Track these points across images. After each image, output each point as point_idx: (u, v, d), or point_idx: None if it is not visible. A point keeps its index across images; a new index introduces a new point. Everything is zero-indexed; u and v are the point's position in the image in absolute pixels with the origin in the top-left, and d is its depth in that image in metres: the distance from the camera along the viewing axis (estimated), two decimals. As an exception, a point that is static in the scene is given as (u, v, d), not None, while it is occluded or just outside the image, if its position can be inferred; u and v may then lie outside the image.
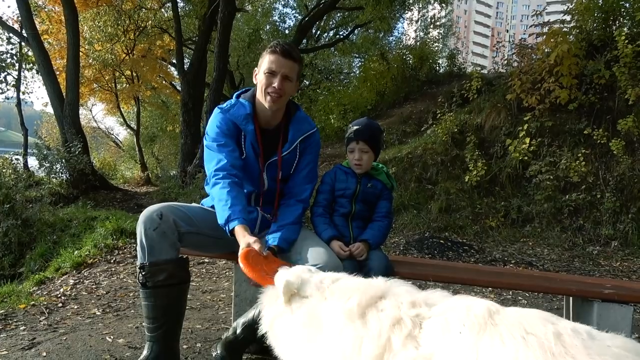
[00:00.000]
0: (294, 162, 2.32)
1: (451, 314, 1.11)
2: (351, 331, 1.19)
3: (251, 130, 2.23)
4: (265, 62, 2.18)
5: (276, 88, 2.14)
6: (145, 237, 2.00)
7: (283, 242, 2.10)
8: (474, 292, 4.20)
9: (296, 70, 2.22)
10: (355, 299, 1.28)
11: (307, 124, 2.35)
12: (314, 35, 20.58)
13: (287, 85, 2.18)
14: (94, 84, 19.49)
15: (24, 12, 12.28)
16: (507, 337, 0.94)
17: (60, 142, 12.34)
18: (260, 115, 2.28)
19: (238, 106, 2.26)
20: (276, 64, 2.15)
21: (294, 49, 2.22)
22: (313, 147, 2.36)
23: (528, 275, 2.76)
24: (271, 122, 2.30)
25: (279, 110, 2.27)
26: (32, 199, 9.11)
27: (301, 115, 2.36)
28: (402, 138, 10.24)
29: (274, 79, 2.15)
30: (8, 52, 17.04)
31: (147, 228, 2.00)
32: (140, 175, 17.98)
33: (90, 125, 27.35)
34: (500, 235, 6.62)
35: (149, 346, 2.06)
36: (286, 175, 2.34)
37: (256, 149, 2.26)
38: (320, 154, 11.29)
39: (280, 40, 2.24)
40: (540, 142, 7.33)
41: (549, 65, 7.44)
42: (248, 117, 2.23)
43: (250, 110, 2.24)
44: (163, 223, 2.01)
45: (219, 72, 10.72)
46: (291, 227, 2.19)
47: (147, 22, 16.86)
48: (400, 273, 2.37)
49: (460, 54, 16.43)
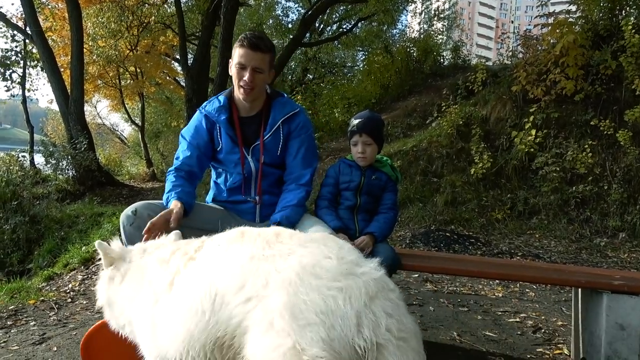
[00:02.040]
0: (279, 145, 2.34)
1: (220, 237, 1.48)
2: (160, 272, 1.47)
3: (223, 120, 2.31)
4: (236, 55, 2.24)
5: (247, 81, 2.21)
6: (123, 231, 2.13)
7: (285, 219, 2.15)
8: (481, 285, 4.19)
9: (267, 61, 2.25)
10: (167, 249, 1.57)
11: (289, 106, 2.38)
12: (317, 29, 20.48)
13: (258, 77, 2.23)
14: (98, 81, 19.50)
15: (27, 9, 12.30)
16: (247, 242, 1.34)
17: (66, 138, 12.38)
18: (239, 105, 2.36)
19: (213, 102, 2.39)
20: (245, 57, 2.20)
21: (263, 40, 2.23)
22: (301, 130, 2.37)
23: (536, 267, 2.75)
24: (250, 110, 2.36)
25: (257, 100, 2.35)
26: (39, 195, 9.17)
27: (283, 100, 2.40)
28: (407, 131, 10.21)
29: (245, 72, 2.21)
30: (13, 50, 17.09)
31: (125, 224, 2.13)
32: (146, 171, 18.03)
33: (95, 121, 27.43)
34: (506, 227, 6.59)
35: None
36: (275, 160, 2.37)
37: (233, 137, 2.33)
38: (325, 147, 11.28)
39: (249, 33, 2.25)
40: (546, 133, 7.28)
41: (554, 56, 7.37)
42: (221, 108, 2.33)
43: (224, 102, 2.34)
44: (137, 218, 2.13)
45: (222, 67, 10.69)
46: (294, 209, 2.24)
47: (151, 18, 16.84)
48: (407, 266, 2.37)
49: (465, 46, 16.31)
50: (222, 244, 1.41)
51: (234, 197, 2.40)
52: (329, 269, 1.11)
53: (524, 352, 2.63)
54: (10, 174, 8.18)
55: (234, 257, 1.29)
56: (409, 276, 4.37)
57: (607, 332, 2.12)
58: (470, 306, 3.49)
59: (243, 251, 1.29)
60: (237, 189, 2.39)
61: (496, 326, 3.05)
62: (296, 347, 1.01)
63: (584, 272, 2.41)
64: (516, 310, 3.44)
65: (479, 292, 3.99)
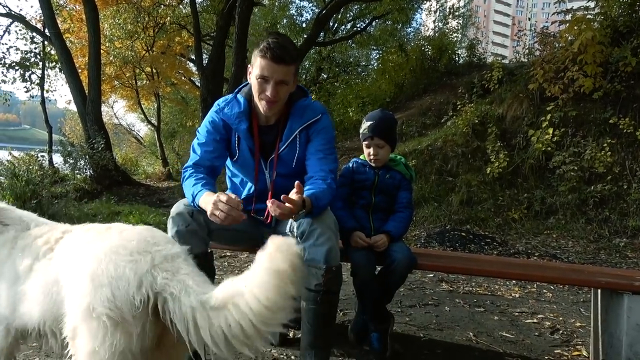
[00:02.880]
0: (294, 156, 2.18)
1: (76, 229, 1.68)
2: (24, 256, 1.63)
3: (244, 129, 2.14)
4: (257, 66, 2.03)
5: (269, 97, 2.02)
6: (176, 233, 2.00)
7: (313, 197, 1.97)
8: (497, 285, 4.15)
9: (292, 72, 2.06)
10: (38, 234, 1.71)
11: (310, 112, 2.18)
12: (331, 28, 20.47)
13: (281, 89, 2.04)
14: (115, 81, 19.79)
15: (46, 11, 12.51)
16: (91, 232, 1.57)
17: (84, 138, 12.58)
18: (258, 113, 2.17)
19: (233, 104, 2.18)
20: (268, 70, 1.99)
21: (287, 51, 2.01)
22: (322, 132, 2.18)
23: (555, 267, 2.71)
24: (269, 119, 2.19)
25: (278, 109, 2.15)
26: (58, 194, 9.31)
27: (303, 104, 2.19)
28: (422, 130, 10.14)
29: (267, 85, 2.02)
30: (32, 52, 17.43)
31: (179, 225, 2.01)
32: (162, 170, 18.23)
33: (112, 121, 27.84)
34: (523, 227, 6.52)
35: None
36: (289, 171, 2.20)
37: (252, 149, 2.18)
38: (339, 147, 11.28)
39: (272, 41, 1.99)
40: (564, 132, 7.18)
41: (572, 54, 7.26)
42: (241, 115, 2.14)
43: (245, 107, 2.15)
44: (194, 221, 2.01)
45: (237, 67, 10.75)
46: (325, 190, 2.05)
47: (166, 19, 17.02)
48: (423, 265, 2.36)
49: (480, 44, 16.14)
50: (74, 236, 1.64)
51: (247, 207, 2.24)
52: (127, 248, 1.38)
53: (542, 353, 2.60)
54: (29, 173, 8.30)
55: (74, 246, 1.55)
56: (424, 276, 4.34)
57: (627, 334, 2.09)
58: (486, 306, 3.46)
59: (81, 241, 1.55)
60: (250, 200, 2.28)
61: (513, 327, 3.02)
62: (89, 307, 1.29)
63: (603, 273, 2.37)
64: (533, 311, 3.39)
65: (496, 292, 3.95)
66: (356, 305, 2.61)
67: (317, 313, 2.01)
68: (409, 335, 2.78)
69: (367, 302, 2.35)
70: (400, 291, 3.67)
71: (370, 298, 2.32)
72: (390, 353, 2.38)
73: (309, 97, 2.26)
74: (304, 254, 2.01)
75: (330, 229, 2.00)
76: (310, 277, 1.98)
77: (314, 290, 1.98)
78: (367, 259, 2.26)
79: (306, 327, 2.05)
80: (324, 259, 1.96)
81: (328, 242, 1.97)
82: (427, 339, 2.72)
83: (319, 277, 1.96)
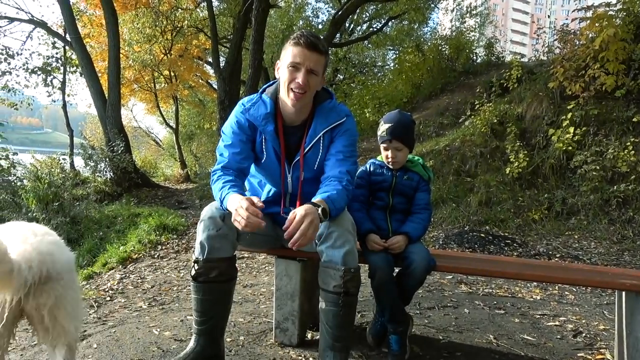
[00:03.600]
0: (317, 159, 2.16)
1: None
2: None
3: (270, 131, 2.12)
4: (289, 54, 2.02)
5: (300, 83, 2.00)
6: (207, 237, 2.01)
7: (329, 200, 1.95)
8: (518, 287, 4.09)
9: (322, 64, 2.06)
10: None
11: (335, 114, 2.16)
12: (347, 29, 20.48)
13: (312, 79, 2.03)
14: (134, 85, 20.07)
15: (67, 17, 12.76)
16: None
17: (104, 141, 12.78)
18: (284, 113, 2.15)
19: (259, 104, 2.16)
20: (300, 56, 1.99)
21: (320, 41, 2.04)
22: (345, 135, 2.16)
23: (577, 269, 2.65)
24: (295, 119, 2.16)
25: (305, 107, 2.13)
26: (79, 197, 9.49)
27: (328, 106, 2.17)
28: (440, 130, 10.07)
29: (298, 74, 2.00)
30: (53, 57, 17.80)
31: (210, 229, 2.02)
32: (180, 172, 18.39)
33: (132, 124, 28.21)
34: (543, 228, 6.41)
35: (196, 339, 2.09)
36: (314, 174, 2.19)
37: (277, 151, 2.16)
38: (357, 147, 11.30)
39: (305, 31, 2.04)
40: (585, 131, 7.05)
41: (593, 51, 7.13)
42: (268, 116, 2.12)
43: (271, 108, 2.13)
44: (225, 225, 2.01)
45: (254, 69, 10.82)
46: (341, 191, 2.02)
47: (184, 22, 17.22)
48: (442, 267, 2.33)
49: (498, 42, 15.97)
50: None
51: (270, 209, 2.26)
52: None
53: (564, 356, 2.55)
54: (52, 176, 8.48)
55: None
56: (442, 277, 4.30)
57: (654, 338, 2.03)
58: (507, 309, 3.41)
59: None
60: (275, 202, 2.28)
61: (534, 330, 2.97)
62: None
63: (628, 275, 2.31)
64: (555, 314, 3.33)
65: (516, 294, 3.89)
66: (374, 307, 2.59)
67: (335, 314, 2.00)
68: (427, 338, 2.75)
69: (385, 304, 2.33)
70: (419, 293, 3.64)
71: (389, 300, 2.30)
72: (409, 355, 2.36)
73: (334, 99, 2.24)
74: (321, 256, 2.03)
75: (347, 231, 1.99)
76: (328, 279, 1.98)
77: (332, 292, 1.97)
78: (384, 261, 2.24)
79: (325, 328, 2.04)
80: (342, 261, 1.95)
81: (346, 244, 1.96)
82: (447, 342, 2.69)
83: (338, 278, 1.95)
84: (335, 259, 1.96)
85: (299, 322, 2.44)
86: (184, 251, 5.87)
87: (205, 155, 25.71)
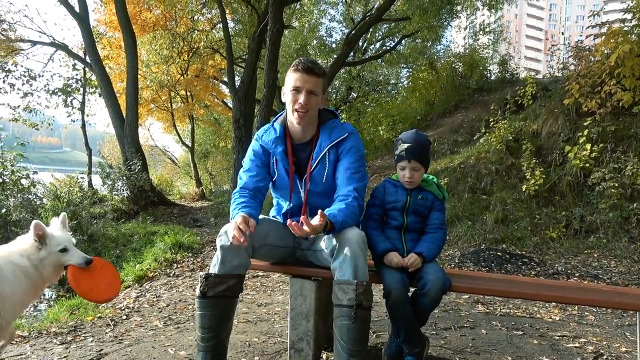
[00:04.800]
0: (324, 174, 2.36)
1: None
2: None
3: (280, 152, 2.37)
4: (290, 80, 2.29)
5: (302, 104, 2.25)
6: (220, 248, 2.16)
7: (332, 217, 2.11)
8: (536, 307, 4.02)
9: (321, 85, 2.31)
10: None
11: (338, 131, 2.37)
12: (360, 48, 20.63)
13: (312, 99, 2.27)
14: (151, 104, 20.46)
15: (87, 39, 13.12)
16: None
17: (122, 160, 12.98)
18: (292, 132, 2.41)
19: (270, 131, 2.43)
20: (300, 81, 2.26)
21: (317, 65, 2.30)
22: (349, 151, 2.35)
23: (596, 289, 2.60)
24: (303, 137, 2.41)
25: (310, 125, 2.38)
26: (97, 215, 9.61)
27: (332, 124, 2.41)
28: (454, 148, 10.04)
29: (299, 95, 2.26)
30: (73, 78, 18.26)
31: (224, 241, 2.15)
32: (195, 190, 18.57)
33: (148, 143, 28.63)
34: (562, 246, 6.31)
35: (203, 356, 2.14)
36: (321, 188, 2.38)
37: (287, 169, 2.39)
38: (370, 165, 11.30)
39: (303, 58, 2.33)
40: (603, 147, 6.96)
41: (609, 67, 7.07)
42: (277, 140, 2.38)
43: (280, 132, 2.39)
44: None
45: (268, 88, 10.95)
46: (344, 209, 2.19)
47: (200, 43, 17.57)
48: (458, 287, 2.31)
49: (512, 59, 15.96)
50: None
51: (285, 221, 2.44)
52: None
53: (585, 380, 2.49)
54: (70, 195, 8.63)
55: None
56: (458, 297, 4.25)
57: (678, 361, 1.98)
58: (525, 330, 3.35)
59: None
60: (284, 215, 2.50)
61: (554, 351, 2.91)
62: None
63: (649, 296, 2.26)
64: (575, 335, 3.27)
65: (534, 314, 3.82)
66: (389, 328, 2.57)
67: (350, 328, 2.04)
68: (444, 359, 2.71)
69: (401, 325, 2.31)
70: (435, 313, 3.59)
71: (404, 321, 2.28)
72: (425, 377, 2.33)
73: (338, 118, 2.48)
74: (334, 274, 2.13)
75: (357, 246, 2.10)
76: (342, 294, 2.06)
77: (346, 306, 2.05)
78: (399, 281, 2.23)
79: (339, 344, 2.07)
80: (353, 275, 2.06)
81: (355, 259, 2.08)
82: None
83: (350, 292, 2.04)
84: (346, 274, 2.06)
85: (314, 343, 2.43)
86: (199, 269, 5.89)
87: (220, 173, 25.95)
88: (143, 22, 16.56)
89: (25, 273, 2.20)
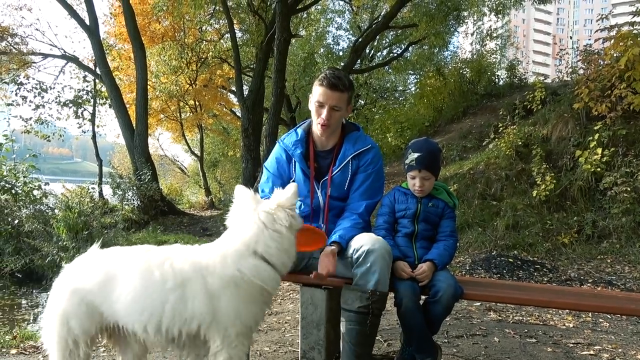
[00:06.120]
0: (346, 180, 2.42)
1: None
2: None
3: (298, 154, 2.44)
4: (315, 93, 2.36)
5: (324, 119, 2.33)
6: None
7: (339, 238, 2.23)
8: (549, 314, 3.97)
9: (345, 99, 2.36)
10: None
11: (362, 142, 2.45)
12: (367, 55, 20.68)
13: (334, 114, 2.34)
14: (160, 115, 20.63)
15: (97, 51, 13.29)
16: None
17: (132, 170, 13.08)
18: (316, 139, 2.49)
19: (291, 134, 2.53)
20: (323, 96, 2.32)
21: (341, 80, 2.33)
22: (369, 165, 2.42)
23: (610, 296, 2.57)
24: (326, 144, 2.49)
25: (333, 134, 2.46)
26: (107, 225, 9.65)
27: (357, 135, 2.48)
28: (463, 154, 10.00)
29: (322, 110, 2.33)
30: (84, 90, 18.49)
31: None
32: (205, 199, 18.64)
33: (158, 153, 28.79)
34: (574, 252, 6.23)
35: None
36: (342, 194, 2.45)
37: (305, 171, 2.44)
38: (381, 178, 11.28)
39: (328, 72, 2.36)
40: (614, 152, 6.89)
41: (619, 71, 7.02)
42: (297, 142, 2.46)
43: (301, 136, 2.48)
44: None
45: (276, 97, 11.01)
46: (348, 229, 2.29)
47: (208, 54, 17.73)
48: (470, 295, 2.29)
49: (521, 64, 15.91)
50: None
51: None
52: None
53: (601, 388, 2.45)
54: (81, 205, 8.68)
55: None
56: (470, 304, 4.21)
57: (696, 369, 1.94)
58: (538, 337, 3.31)
59: None
60: (306, 217, 2.47)
61: (568, 359, 2.87)
62: None
63: (665, 302, 2.23)
64: (589, 342, 3.22)
65: (548, 322, 3.78)
66: (401, 336, 2.55)
67: (358, 332, 2.12)
68: (457, 368, 2.69)
69: (413, 333, 2.29)
70: (447, 321, 3.56)
71: (416, 329, 2.26)
72: (438, 386, 2.31)
73: (361, 131, 2.56)
74: (354, 278, 2.16)
75: (383, 259, 2.14)
76: (354, 300, 2.12)
77: (355, 312, 2.11)
78: (411, 289, 2.22)
79: (347, 347, 2.15)
80: (374, 286, 2.10)
81: (379, 270, 2.11)
82: (477, 372, 2.62)
83: (364, 299, 2.09)
84: (367, 283, 2.10)
85: (325, 352, 2.42)
86: (209, 279, 5.89)
87: (229, 182, 26.01)
88: (152, 33, 16.77)
89: None
